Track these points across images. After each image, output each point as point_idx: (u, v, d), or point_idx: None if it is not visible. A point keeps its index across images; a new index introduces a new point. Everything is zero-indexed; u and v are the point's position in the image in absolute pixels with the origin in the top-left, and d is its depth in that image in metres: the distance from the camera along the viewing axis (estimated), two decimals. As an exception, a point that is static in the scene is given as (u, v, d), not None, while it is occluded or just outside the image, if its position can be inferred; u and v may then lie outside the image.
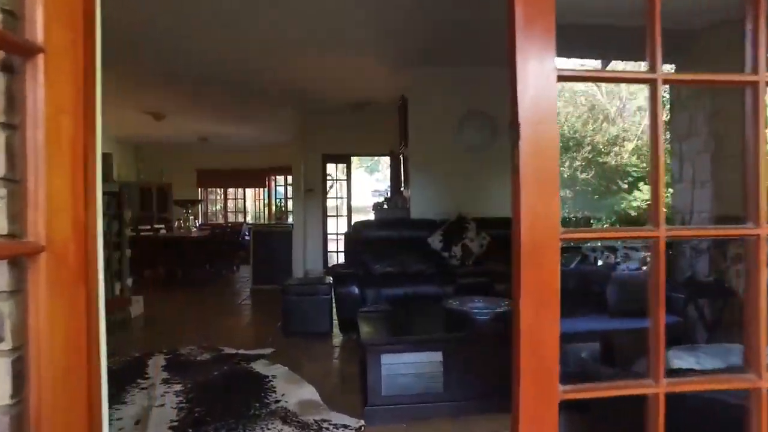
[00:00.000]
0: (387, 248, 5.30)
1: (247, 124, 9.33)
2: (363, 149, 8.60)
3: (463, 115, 5.80)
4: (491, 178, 5.81)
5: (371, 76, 6.19)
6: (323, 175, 8.57)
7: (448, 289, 4.62)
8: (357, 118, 8.43)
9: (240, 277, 9.10)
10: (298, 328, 4.68)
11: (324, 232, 8.59)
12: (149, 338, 4.80)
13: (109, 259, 5.28)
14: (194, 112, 8.19)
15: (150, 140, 11.06)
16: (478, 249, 5.16)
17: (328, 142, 8.50)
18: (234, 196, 12.94)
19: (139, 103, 7.62)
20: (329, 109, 8.05)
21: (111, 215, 5.29)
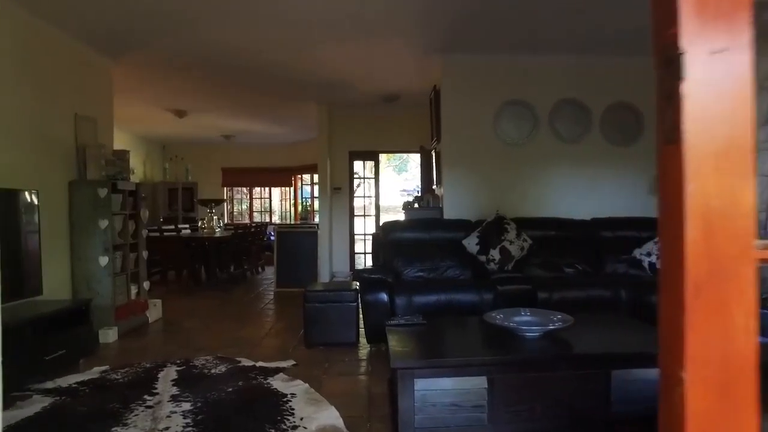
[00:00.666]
0: (418, 251, 4.88)
1: (271, 121, 9.03)
2: (392, 146, 8.20)
3: (501, 106, 5.33)
4: (532, 175, 5.35)
5: (400, 65, 5.78)
6: (350, 173, 8.20)
7: (486, 296, 4.17)
8: (385, 112, 8.04)
9: (264, 278, 8.81)
10: (322, 338, 4.31)
11: (351, 233, 8.22)
12: (164, 346, 4.50)
13: (124, 260, 5.01)
14: (216, 108, 7.93)
15: (176, 139, 10.90)
16: (519, 252, 4.69)
17: (354, 139, 8.14)
18: (260, 195, 12.71)
19: (160, 100, 7.38)
20: (356, 104, 7.67)
21: (127, 215, 5.01)
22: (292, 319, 5.43)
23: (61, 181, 4.67)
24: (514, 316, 2.83)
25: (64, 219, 4.69)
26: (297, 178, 11.88)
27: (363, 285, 4.23)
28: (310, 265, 7.47)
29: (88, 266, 4.71)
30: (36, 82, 4.35)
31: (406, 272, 4.77)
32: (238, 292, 7.35)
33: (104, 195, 4.67)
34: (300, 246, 7.51)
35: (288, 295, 7.06)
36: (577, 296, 4.18)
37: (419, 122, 7.92)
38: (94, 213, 4.68)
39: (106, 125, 5.41)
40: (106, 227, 4.68)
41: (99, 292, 4.71)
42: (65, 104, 4.75)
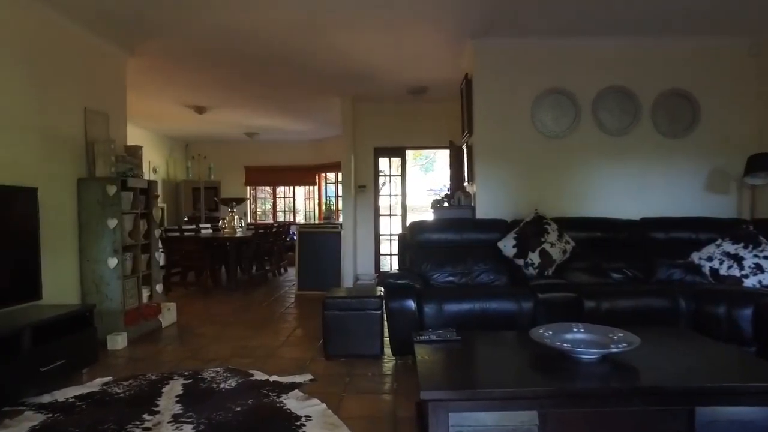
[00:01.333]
0: (448, 254, 4.47)
1: (294, 117, 8.73)
2: (419, 141, 7.78)
3: (539, 94, 4.87)
4: (573, 170, 4.88)
5: (428, 53, 5.36)
6: (375, 170, 7.82)
7: (526, 305, 3.73)
8: (412, 106, 7.64)
9: (286, 280, 8.50)
10: (343, 348, 3.93)
11: (376, 233, 7.84)
12: (174, 354, 4.19)
13: (135, 262, 4.73)
14: (236, 103, 7.65)
15: (199, 137, 10.73)
16: (561, 256, 4.22)
17: (380, 135, 7.76)
18: (283, 194, 12.44)
19: (179, 95, 7.14)
20: (381, 97, 7.29)
21: (138, 214, 4.73)
22: (312, 325, 5.08)
23: (69, 178, 4.41)
24: (565, 333, 2.39)
25: (73, 218, 4.43)
26: (321, 176, 11.57)
27: (388, 291, 3.84)
28: (333, 267, 7.12)
29: (97, 268, 4.44)
30: (41, 74, 4.09)
31: (436, 277, 4.37)
32: (258, 295, 7.05)
33: (113, 193, 4.39)
34: (322, 247, 7.17)
35: (309, 298, 6.72)
36: (629, 306, 3.70)
37: (448, 116, 7.50)
38: (103, 212, 4.41)
39: (119, 120, 5.15)
40: (115, 227, 4.40)
41: (108, 296, 4.44)
42: (74, 97, 4.49)
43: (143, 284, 4.85)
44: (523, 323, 3.71)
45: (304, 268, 7.16)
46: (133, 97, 7.18)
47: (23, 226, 3.53)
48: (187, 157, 11.27)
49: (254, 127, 9.63)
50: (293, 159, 11.41)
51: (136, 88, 6.64)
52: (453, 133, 7.35)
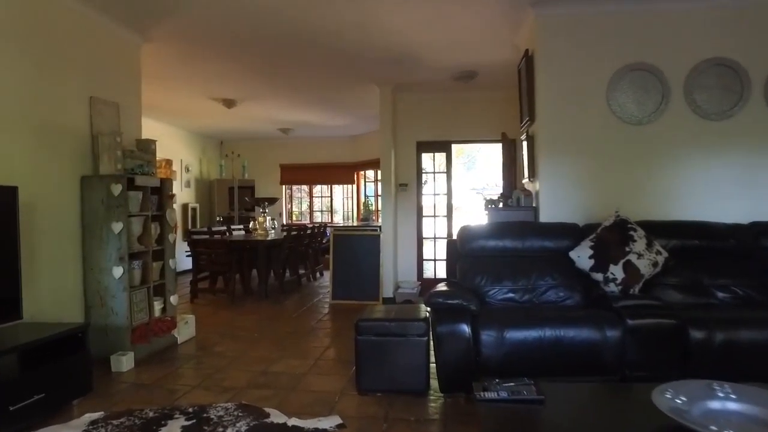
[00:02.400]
0: (507, 265, 3.70)
1: (329, 111, 8.09)
2: (466, 134, 6.99)
3: (618, 72, 4.03)
4: (660, 163, 4.01)
5: (479, 29, 4.60)
6: (418, 167, 7.08)
7: (611, 334, 2.92)
8: (459, 95, 6.87)
9: (321, 285, 7.88)
10: (380, 382, 3.22)
11: (419, 236, 7.11)
12: (184, 380, 3.59)
13: (146, 270, 4.17)
14: (267, 96, 7.07)
15: (232, 134, 10.28)
16: (650, 270, 3.38)
17: (423, 128, 7.02)
18: (320, 193, 11.87)
19: (205, 87, 6.60)
20: (423, 85, 6.54)
21: (149, 216, 4.17)
22: (346, 344, 4.41)
23: (70, 176, 3.88)
24: (708, 400, 1.60)
25: (75, 221, 3.91)
26: (359, 174, 10.93)
27: (436, 313, 3.10)
28: (372, 275, 6.44)
29: (102, 278, 3.90)
30: (36, 55, 3.56)
31: (492, 293, 3.60)
32: (290, 304, 6.44)
33: (118, 192, 3.83)
34: (359, 252, 6.50)
35: (344, 309, 6.06)
36: (756, 339, 2.84)
37: (500, 105, 6.70)
38: (107, 214, 3.86)
39: (132, 111, 4.62)
40: (121, 231, 3.84)
41: (114, 310, 3.89)
42: (77, 85, 3.96)
43: (155, 295, 4.30)
44: (608, 357, 2.93)
45: (339, 275, 6.51)
46: (160, 92, 6.72)
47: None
48: (221, 155, 10.85)
49: (288, 123, 9.07)
50: (330, 156, 10.82)
51: (158, 80, 6.15)
52: (506, 124, 6.52)
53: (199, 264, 6.74)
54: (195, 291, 6.66)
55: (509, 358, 2.99)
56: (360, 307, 6.36)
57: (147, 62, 5.27)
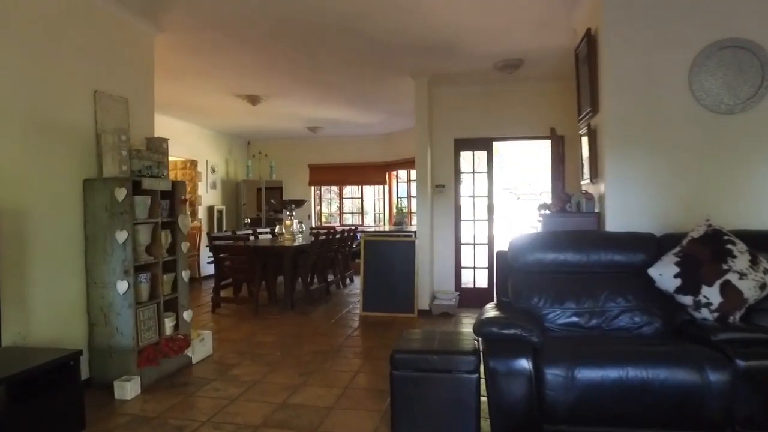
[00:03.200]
0: (569, 283, 3.11)
1: (359, 106, 7.58)
2: (509, 130, 6.37)
3: (703, 51, 3.37)
4: (757, 160, 3.33)
5: (527, 8, 4.00)
6: (456, 167, 6.50)
7: (716, 378, 2.30)
8: (501, 87, 6.27)
9: (351, 293, 7.39)
10: (420, 426, 2.68)
11: (457, 242, 6.53)
12: (191, 413, 3.13)
13: (155, 283, 3.73)
14: (293, 91, 6.61)
15: (258, 133, 9.90)
16: (756, 293, 2.73)
17: (461, 124, 6.44)
18: (351, 194, 11.40)
19: (227, 83, 6.18)
20: (463, 77, 5.96)
21: (159, 223, 3.74)
22: (377, 369, 3.89)
23: (71, 179, 3.47)
24: None
25: (77, 229, 3.50)
26: (391, 174, 10.41)
27: (490, 345, 2.54)
28: (406, 284, 5.90)
29: (105, 293, 3.48)
30: (33, 44, 3.16)
31: (552, 317, 3.02)
32: (317, 315, 5.96)
33: (122, 197, 3.40)
34: (393, 259, 5.96)
35: (376, 322, 5.55)
36: None
37: (549, 98, 6.10)
38: (111, 222, 3.43)
39: (143, 107, 4.20)
40: (126, 240, 3.41)
41: (118, 329, 3.46)
42: (79, 77, 3.55)
43: (167, 311, 3.86)
44: (712, 409, 2.31)
45: (371, 284, 5.99)
46: (181, 88, 6.35)
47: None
48: (248, 155, 10.49)
49: (316, 120, 8.61)
50: (361, 156, 10.33)
51: (178, 75, 5.77)
52: (554, 119, 5.91)
53: (222, 271, 6.33)
54: (217, 300, 6.25)
55: (581, 403, 2.40)
56: (392, 320, 5.87)
57: (164, 55, 4.88)
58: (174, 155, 8.66)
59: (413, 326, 5.45)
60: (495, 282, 3.48)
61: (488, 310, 2.94)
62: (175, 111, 7.67)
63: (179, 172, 8.98)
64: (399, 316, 5.84)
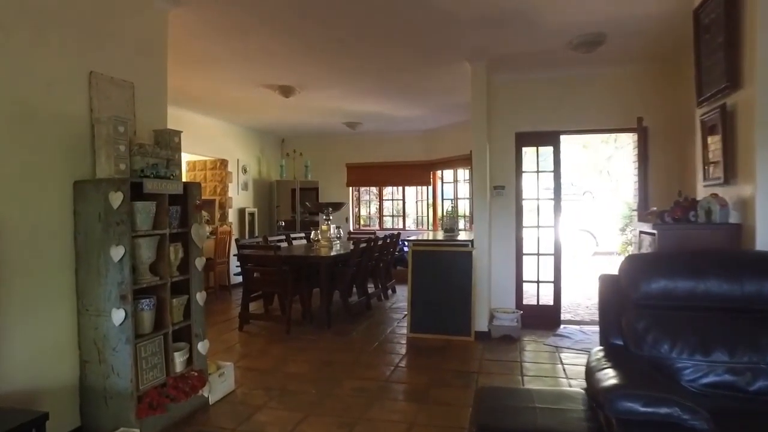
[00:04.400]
0: (714, 323, 2.24)
1: (405, 98, 6.76)
2: (582, 122, 5.44)
3: None
4: None
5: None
6: (517, 165, 5.61)
7: None
8: (575, 72, 5.37)
9: (395, 307, 6.59)
10: None
11: (518, 251, 5.63)
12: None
13: (161, 310, 3.02)
14: (330, 81, 5.84)
15: (293, 130, 9.20)
16: None
17: (524, 115, 5.56)
18: (391, 195, 10.60)
19: (255, 71, 5.46)
20: (528, 59, 5.07)
21: (166, 235, 3.01)
22: (437, 419, 3.07)
23: (58, 181, 2.79)
24: None
25: (66, 244, 2.81)
26: (435, 175, 9.55)
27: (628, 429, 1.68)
28: (461, 301, 5.06)
29: (99, 324, 2.78)
30: (8, 15, 2.49)
31: (692, 373, 2.17)
32: (357, 336, 5.19)
33: (118, 203, 2.69)
34: (445, 271, 5.13)
35: (427, 348, 4.73)
36: None
37: (635, 83, 5.19)
38: (104, 234, 2.73)
39: (154, 95, 3.50)
40: (123, 258, 2.70)
41: (114, 368, 2.76)
42: (70, 54, 2.87)
43: (178, 341, 3.15)
44: None
45: (420, 301, 5.17)
46: (208, 80, 5.68)
47: None
48: (281, 154, 9.82)
49: (355, 115, 7.84)
50: (403, 154, 9.51)
51: (201, 65, 5.09)
52: (641, 108, 4.96)
53: (250, 283, 5.62)
54: (245, 316, 5.55)
55: None
56: (446, 344, 5.01)
57: (183, 38, 4.20)
58: (202, 154, 8.06)
59: (470, 352, 4.61)
60: (600, 316, 2.60)
61: (603, 366, 2.08)
62: (201, 106, 7.04)
63: (209, 173, 8.37)
64: (453, 338, 5.00)
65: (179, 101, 6.61)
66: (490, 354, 4.55)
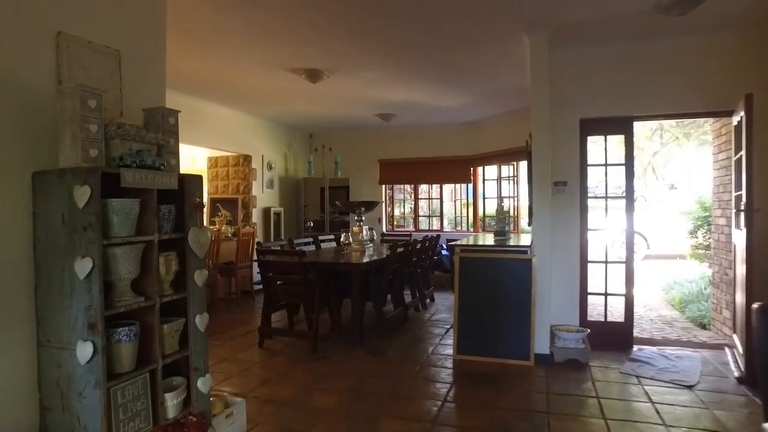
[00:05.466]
0: None
1: (447, 83, 5.98)
2: (662, 105, 4.56)
3: None
4: None
5: None
6: (582, 157, 4.77)
7: None
8: (657, 44, 4.50)
9: (435, 320, 5.83)
10: None
11: (582, 258, 4.79)
12: None
13: (147, 339, 2.33)
14: (366, 63, 5.11)
15: (321, 123, 8.51)
16: None
17: (590, 99, 4.72)
18: (427, 194, 9.84)
19: (282, 53, 4.79)
20: (599, 29, 4.23)
21: (154, 242, 2.32)
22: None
23: (12, 170, 2.13)
24: None
25: (23, 253, 2.15)
26: (476, 171, 8.74)
27: None
28: (518, 317, 4.26)
29: (64, 359, 2.10)
30: None
31: None
32: (393, 357, 4.45)
33: (84, 201, 2.01)
34: (499, 282, 4.34)
35: (478, 374, 3.95)
36: None
37: (740, 54, 4.27)
38: (69, 242, 2.06)
39: (149, 67, 2.82)
40: (91, 273, 2.02)
41: (80, 419, 2.07)
42: (30, 10, 2.21)
43: (171, 375, 2.46)
44: None
45: (468, 316, 4.39)
46: (222, 65, 5.03)
47: None
48: (310, 149, 9.16)
49: (389, 105, 7.09)
50: (440, 149, 8.72)
51: (215, 44, 4.44)
52: (751, 85, 4.07)
53: (272, 293, 4.94)
54: (266, 331, 4.87)
55: None
56: (501, 369, 4.11)
57: (191, 12, 3.53)
58: (224, 149, 7.45)
59: (532, 381, 3.81)
60: (761, 373, 1.79)
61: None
62: (221, 95, 6.41)
63: (231, 170, 7.76)
64: (509, 363, 4.21)
65: (196, 89, 6.00)
66: (557, 385, 3.73)
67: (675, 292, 6.99)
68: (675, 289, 7.15)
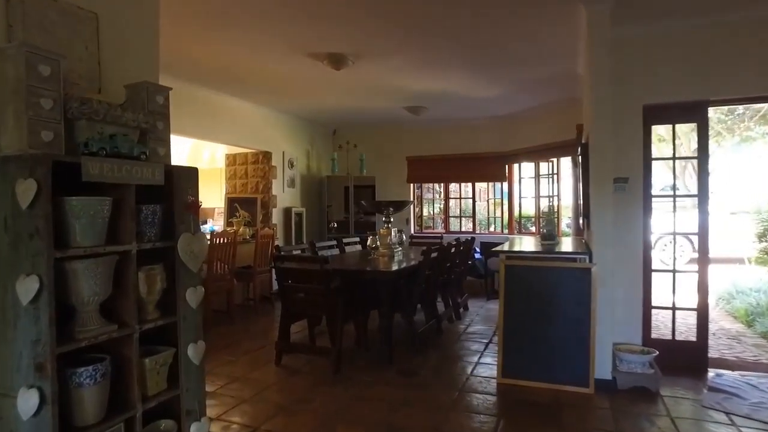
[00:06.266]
0: None
1: (485, 70, 5.39)
2: (743, 87, 3.88)
3: None
4: None
5: None
6: (645, 149, 4.12)
7: None
8: (743, 14, 3.82)
9: (470, 333, 5.23)
10: None
11: (646, 267, 4.14)
12: None
13: (124, 381, 1.80)
14: (396, 47, 4.55)
15: (346, 118, 7.98)
16: None
17: (656, 81, 4.06)
18: (458, 194, 9.22)
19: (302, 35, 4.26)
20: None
21: (132, 252, 1.80)
22: None
23: (-55, 160, 1.63)
24: None
25: (-40, 267, 1.65)
26: (512, 168, 8.09)
27: None
28: (574, 336, 3.64)
29: (4, 408, 1.59)
30: None
31: None
32: (427, 378, 3.88)
33: (29, 199, 1.49)
34: (552, 295, 3.73)
35: (528, 403, 3.34)
36: None
37: None
38: (12, 254, 1.55)
39: (135, 38, 2.31)
40: (38, 296, 1.50)
41: (30, 490, 1.55)
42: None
43: (161, 418, 1.94)
44: None
45: (514, 333, 3.79)
46: (240, 48, 4.53)
47: None
48: (333, 146, 8.65)
49: (419, 97, 6.52)
50: (473, 145, 8.11)
51: (225, 23, 3.93)
52: None
53: (291, 304, 4.40)
54: (284, 347, 4.35)
55: None
56: (554, 398, 3.42)
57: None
58: (243, 146, 6.98)
59: (595, 415, 3.19)
60: None
61: None
62: (238, 87, 5.93)
63: (250, 167, 7.29)
64: (564, 389, 3.59)
65: (209, 79, 5.53)
66: (627, 421, 3.10)
67: (738, 303, 6.25)
68: (738, 299, 6.41)
